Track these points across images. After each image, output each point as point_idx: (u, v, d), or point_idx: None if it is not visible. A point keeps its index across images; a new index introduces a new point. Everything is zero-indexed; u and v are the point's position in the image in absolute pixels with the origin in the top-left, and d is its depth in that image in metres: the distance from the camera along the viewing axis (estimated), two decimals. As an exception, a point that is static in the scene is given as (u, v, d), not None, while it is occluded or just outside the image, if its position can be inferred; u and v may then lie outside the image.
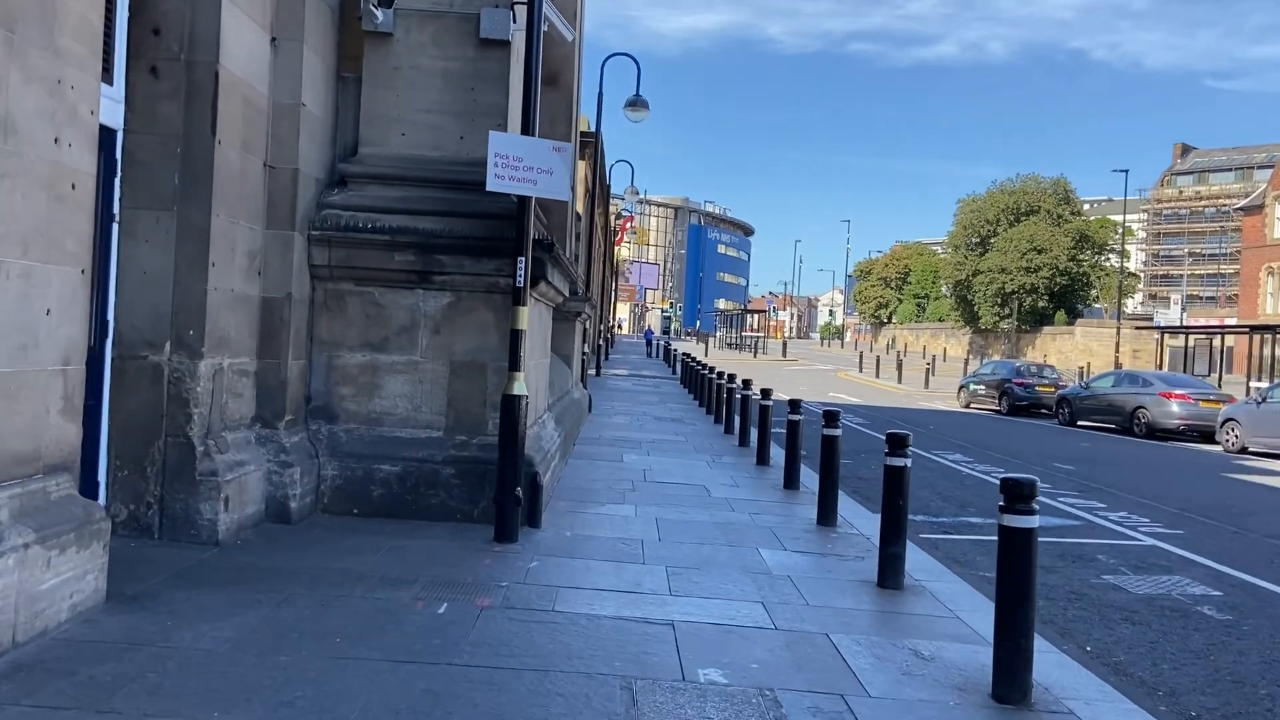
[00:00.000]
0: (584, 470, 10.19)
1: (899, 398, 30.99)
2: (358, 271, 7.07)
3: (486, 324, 7.13)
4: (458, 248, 7.02)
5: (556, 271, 8.05)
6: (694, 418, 18.12)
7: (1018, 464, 14.35)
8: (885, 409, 25.28)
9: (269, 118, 6.58)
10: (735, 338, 70.66)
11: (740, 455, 12.56)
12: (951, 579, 6.53)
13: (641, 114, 18.41)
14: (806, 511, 8.51)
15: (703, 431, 15.56)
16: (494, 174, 6.36)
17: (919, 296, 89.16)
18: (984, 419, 24.14)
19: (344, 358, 7.12)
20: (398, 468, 6.97)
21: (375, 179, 7.24)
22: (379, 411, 7.12)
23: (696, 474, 10.53)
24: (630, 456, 11.64)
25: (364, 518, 6.89)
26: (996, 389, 26.42)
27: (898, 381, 38.05)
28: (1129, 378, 22.13)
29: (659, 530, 7.30)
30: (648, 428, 15.55)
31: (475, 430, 7.11)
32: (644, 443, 13.21)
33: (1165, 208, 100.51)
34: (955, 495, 10.94)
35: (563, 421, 10.86)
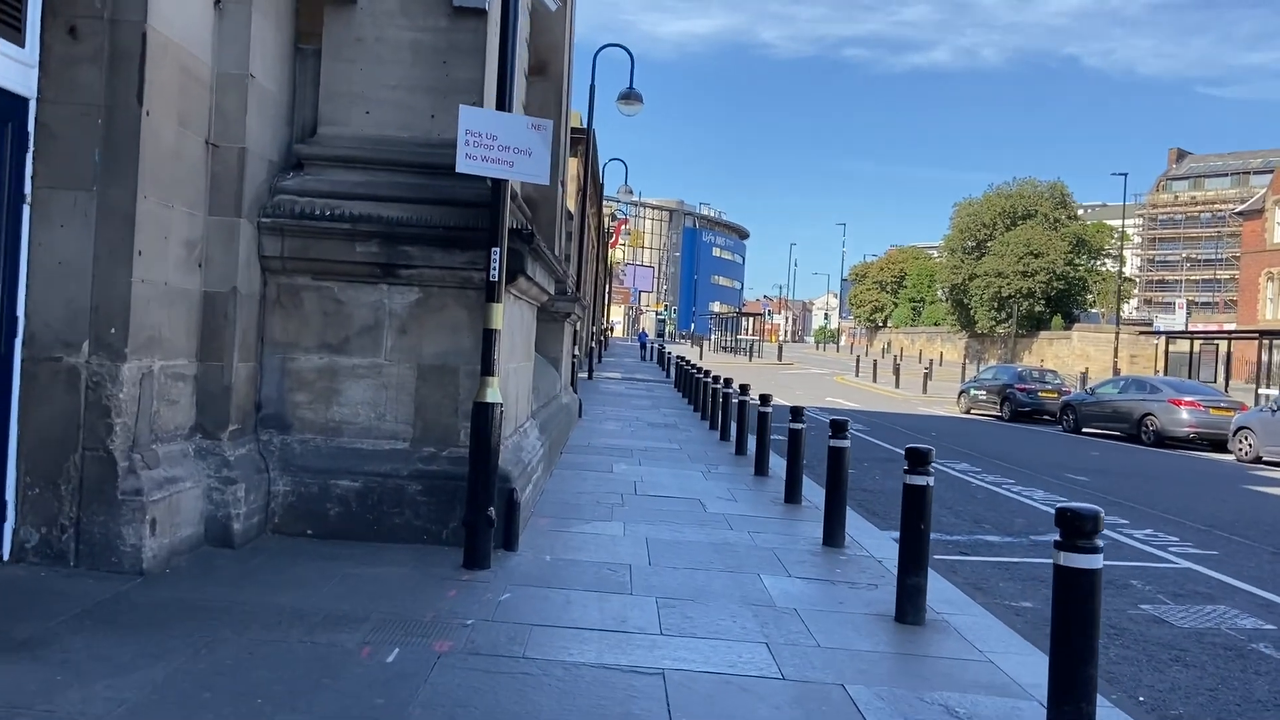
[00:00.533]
0: (570, 482, 9.46)
1: (897, 403, 30.33)
2: (315, 264, 6.34)
3: (459, 323, 6.41)
4: (427, 238, 6.29)
5: (538, 267, 7.33)
6: (688, 423, 17.40)
7: (1028, 474, 13.67)
8: (885, 415, 24.60)
9: (212, 90, 5.85)
10: (730, 341, 69.95)
11: (737, 465, 11.84)
12: (977, 611, 5.83)
13: (635, 107, 17.72)
14: (811, 530, 7.80)
15: (697, 439, 14.85)
16: (465, 154, 5.64)
17: (914, 300, 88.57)
18: (986, 425, 23.47)
19: (299, 360, 6.39)
20: (358, 483, 6.23)
21: (336, 162, 6.51)
22: (338, 420, 6.39)
23: (691, 486, 9.81)
24: (620, 466, 10.92)
25: (319, 539, 6.16)
26: (998, 394, 25.76)
27: (895, 386, 37.40)
28: (1136, 384, 21.49)
29: (649, 553, 6.58)
30: (640, 434, 14.83)
31: (445, 441, 6.38)
32: (635, 451, 12.49)
33: (1161, 213, 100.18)
34: (967, 510, 10.24)
35: (548, 429, 10.14)
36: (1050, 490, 12.04)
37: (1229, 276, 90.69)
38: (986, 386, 26.54)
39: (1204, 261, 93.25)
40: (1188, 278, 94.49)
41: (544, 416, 10.55)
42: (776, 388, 33.95)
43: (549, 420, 10.74)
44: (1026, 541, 8.69)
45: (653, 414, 18.83)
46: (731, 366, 47.97)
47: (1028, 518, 10.02)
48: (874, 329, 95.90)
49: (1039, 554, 8.19)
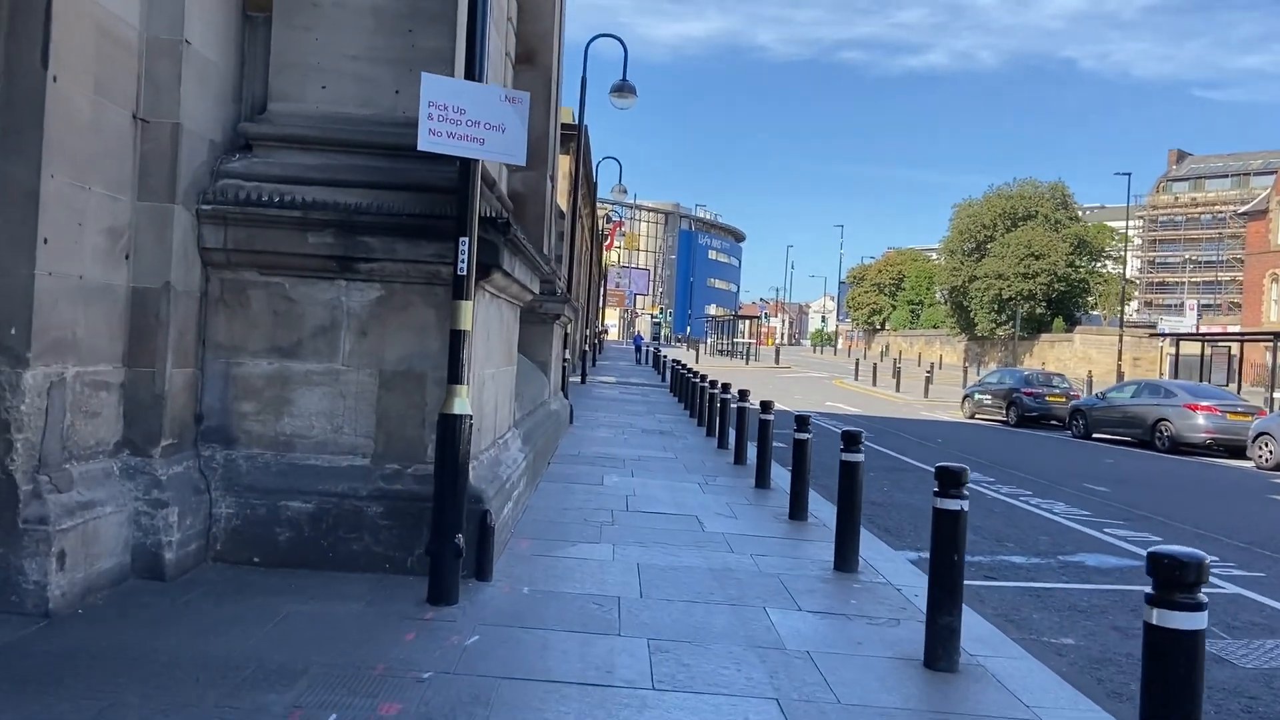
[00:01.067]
0: (556, 496, 8.73)
1: (899, 407, 29.63)
2: (262, 257, 5.61)
3: (426, 324, 5.68)
4: (389, 228, 5.57)
5: (518, 261, 6.61)
6: (684, 430, 16.68)
7: (1044, 485, 12.95)
8: (887, 420, 23.89)
9: (140, 57, 5.13)
10: (727, 344, 69.24)
11: (736, 476, 11.12)
12: (1015, 652, 5.10)
13: (628, 100, 17.02)
14: (819, 551, 7.08)
15: (694, 446, 14.13)
16: (428, 129, 4.92)
17: (913, 303, 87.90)
18: (993, 431, 22.77)
19: (246, 366, 5.66)
20: (310, 505, 5.50)
21: (288, 142, 5.79)
22: (289, 433, 5.66)
23: (687, 500, 9.09)
24: (612, 478, 10.19)
25: (267, 569, 5.43)
26: (1004, 399, 25.06)
27: (896, 390, 36.71)
28: (1149, 388, 20.79)
29: (641, 581, 5.86)
30: (633, 442, 14.10)
31: (410, 457, 5.66)
32: (628, 460, 11.76)
33: (1161, 214, 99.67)
34: (987, 527, 9.52)
35: (533, 439, 9.41)
36: (1071, 503, 11.32)
37: (1230, 278, 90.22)
38: (992, 391, 25.84)
39: (1205, 263, 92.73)
40: (1188, 279, 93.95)
41: (529, 425, 9.83)
42: (775, 392, 33.21)
43: (535, 429, 10.02)
44: (1055, 563, 7.98)
45: (647, 420, 18.11)
46: (728, 370, 47.24)
47: (1052, 535, 9.30)
48: (872, 331, 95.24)
49: (1071, 578, 7.47)
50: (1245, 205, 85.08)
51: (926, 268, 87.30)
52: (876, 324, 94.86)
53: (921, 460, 15.04)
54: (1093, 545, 8.79)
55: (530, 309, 13.48)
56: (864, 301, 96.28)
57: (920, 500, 11.03)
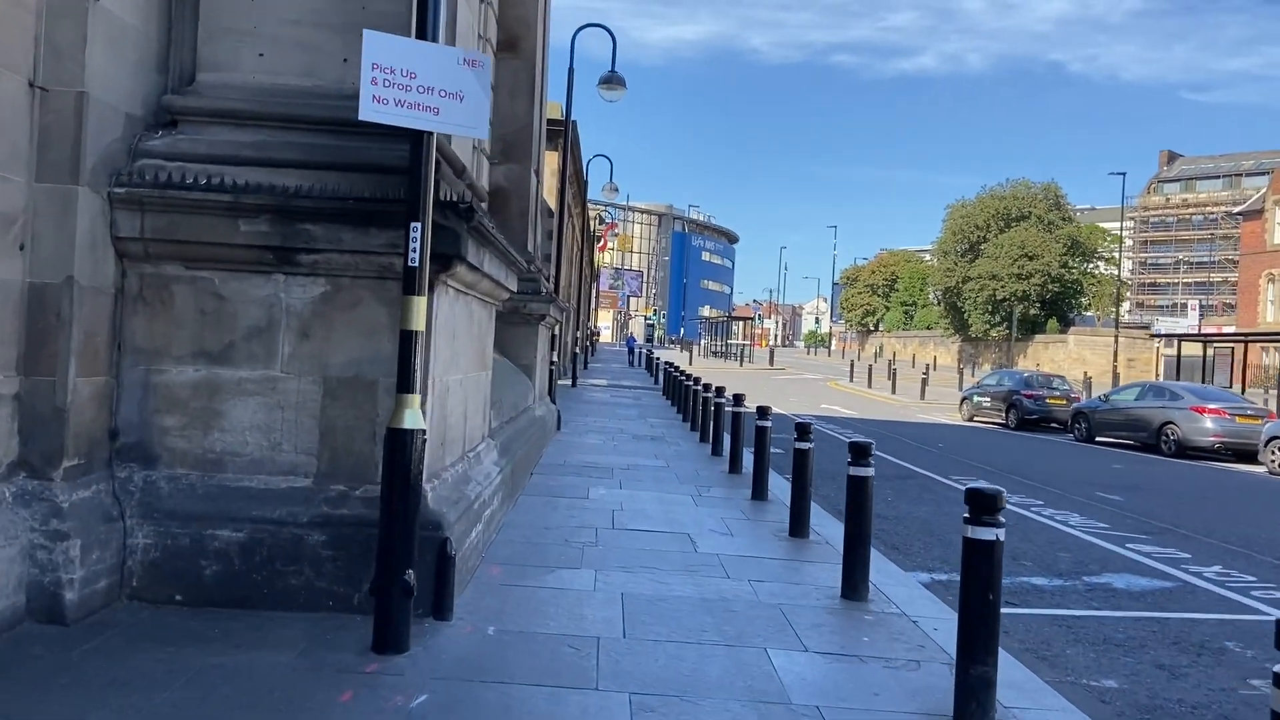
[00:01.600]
0: (536, 512, 8.02)
1: (896, 410, 28.98)
2: (188, 248, 4.89)
3: (377, 324, 4.97)
4: (334, 214, 4.86)
5: (488, 254, 5.90)
6: (676, 435, 15.98)
7: (1054, 494, 12.28)
8: (885, 423, 23.23)
9: (39, 16, 4.41)
10: (720, 346, 68.59)
11: (732, 486, 10.42)
12: (1055, 702, 4.41)
13: (617, 92, 16.33)
14: (824, 575, 6.39)
15: (687, 453, 13.43)
16: (371, 96, 4.21)
17: (906, 304, 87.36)
18: (993, 435, 22.12)
19: (169, 373, 4.93)
20: (242, 533, 4.78)
21: (219, 117, 5.07)
22: (220, 451, 4.94)
23: (679, 514, 8.38)
24: (598, 490, 9.48)
25: (191, 608, 4.71)
26: (1003, 401, 24.42)
27: (892, 392, 36.07)
28: (1154, 390, 20.16)
29: (625, 617, 5.15)
30: (623, 449, 13.40)
31: (359, 476, 4.94)
32: (617, 470, 11.05)
33: (1153, 215, 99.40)
34: (999, 541, 8.82)
35: (513, 449, 8.70)
36: (1086, 514, 10.65)
37: (1222, 279, 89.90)
38: (991, 393, 25.20)
39: (1197, 264, 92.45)
40: (1180, 280, 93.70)
41: (509, 433, 9.11)
42: (769, 394, 32.55)
43: (515, 438, 9.30)
44: (1081, 586, 7.29)
45: (638, 425, 17.40)
46: (722, 372, 46.56)
47: (1072, 551, 8.61)
48: (866, 333, 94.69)
49: (1100, 603, 6.79)
50: (1240, 205, 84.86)
51: (920, 269, 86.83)
52: (870, 325, 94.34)
53: (924, 467, 14.37)
54: (1118, 564, 8.11)
55: (513, 309, 12.78)
56: (857, 303, 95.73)
57: (927, 511, 10.34)
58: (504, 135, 12.90)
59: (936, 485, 12.51)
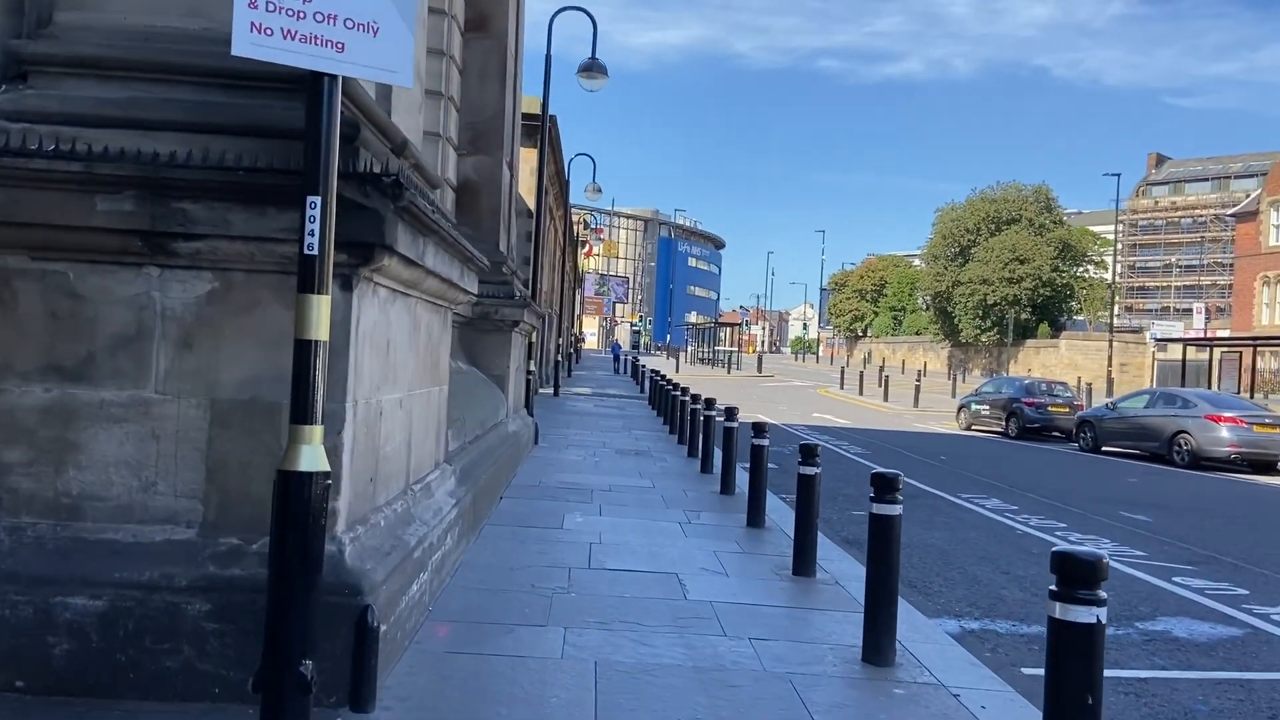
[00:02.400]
0: (502, 547, 6.96)
1: (890, 419, 28.03)
2: (33, 233, 3.81)
3: (282, 332, 3.89)
4: (220, 189, 3.78)
5: (430, 245, 4.83)
6: (663, 449, 14.94)
7: (1076, 514, 11.29)
8: (880, 433, 22.25)
9: None
10: (707, 352, 67.59)
11: (724, 510, 9.38)
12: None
13: (598, 81, 15.28)
14: (838, 629, 5.36)
15: (674, 469, 12.38)
16: (250, 24, 3.14)
17: (895, 309, 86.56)
18: (994, 445, 21.16)
19: (10, 394, 3.85)
20: (102, 601, 3.69)
21: (81, 67, 3.98)
22: (77, 494, 3.85)
23: (666, 549, 7.33)
24: (575, 518, 8.42)
25: (36, 697, 3.63)
26: (1003, 410, 23.48)
27: (884, 399, 35.13)
28: (1165, 397, 19.24)
29: (599, 698, 4.09)
30: (605, 466, 12.34)
31: (258, 528, 3.84)
32: (597, 492, 9.99)
33: (1141, 218, 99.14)
34: (1030, 576, 7.80)
35: (476, 474, 7.63)
36: (1118, 540, 9.63)
37: (1211, 282, 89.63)
38: (990, 401, 24.25)
39: (1187, 267, 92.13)
40: (1169, 284, 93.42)
41: (474, 455, 8.05)
42: (759, 402, 31.57)
43: (480, 460, 8.23)
44: (1136, 635, 6.25)
45: (622, 437, 16.35)
46: (709, 380, 45.56)
47: (1115, 589, 7.50)
48: (854, 338, 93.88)
49: (1165, 658, 5.76)
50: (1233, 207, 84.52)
51: (909, 274, 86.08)
52: (858, 331, 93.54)
53: (930, 483, 13.36)
54: (1170, 604, 7.09)
55: (483, 315, 11.72)
56: (846, 308, 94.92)
57: (942, 539, 9.32)
58: (472, 123, 11.85)
59: (947, 505, 11.50)
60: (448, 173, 11.58)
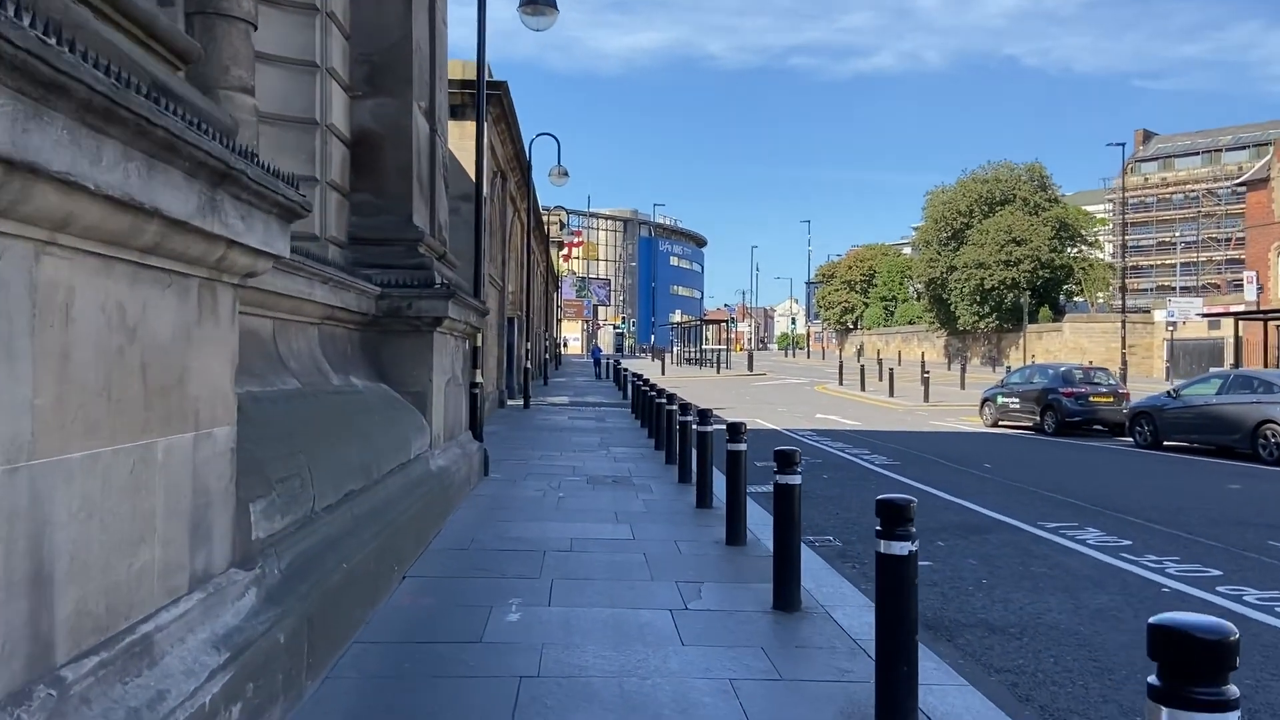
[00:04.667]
0: (353, 712, 3.90)
1: (902, 417, 25.06)
2: None
3: None
4: None
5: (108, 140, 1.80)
6: (647, 473, 11.90)
7: (1216, 548, 8.29)
8: (899, 436, 19.26)
9: None
10: (694, 352, 64.49)
11: (737, 581, 6.35)
12: None
13: (547, 18, 12.23)
14: None
15: (661, 505, 9.35)
16: None
17: (886, 299, 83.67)
18: (1037, 446, 18.19)
19: None
20: None
21: None
22: None
23: (651, 680, 4.30)
24: (508, 615, 5.39)
25: None
26: (1036, 402, 20.52)
27: (890, 395, 32.16)
28: (1242, 381, 16.29)
29: None
30: (572, 505, 9.31)
31: None
32: (553, 554, 6.96)
33: (1132, 196, 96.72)
34: (1243, 681, 4.78)
35: (320, 568, 4.58)
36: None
37: (1207, 259, 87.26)
38: (1020, 393, 21.30)
39: (1187, 244, 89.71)
40: (1164, 262, 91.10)
41: (327, 532, 4.98)
42: (754, 404, 28.57)
43: (343, 537, 5.16)
44: None
45: (598, 460, 13.28)
46: (698, 382, 42.54)
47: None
48: (845, 331, 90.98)
49: None
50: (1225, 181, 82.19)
51: (899, 262, 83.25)
52: (849, 323, 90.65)
53: (991, 505, 10.36)
54: None
55: (393, 311, 8.68)
56: (835, 300, 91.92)
57: (1062, 609, 6.25)
58: (368, 55, 8.81)
59: (1035, 544, 8.49)
60: (332, 118, 8.55)
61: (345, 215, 8.64)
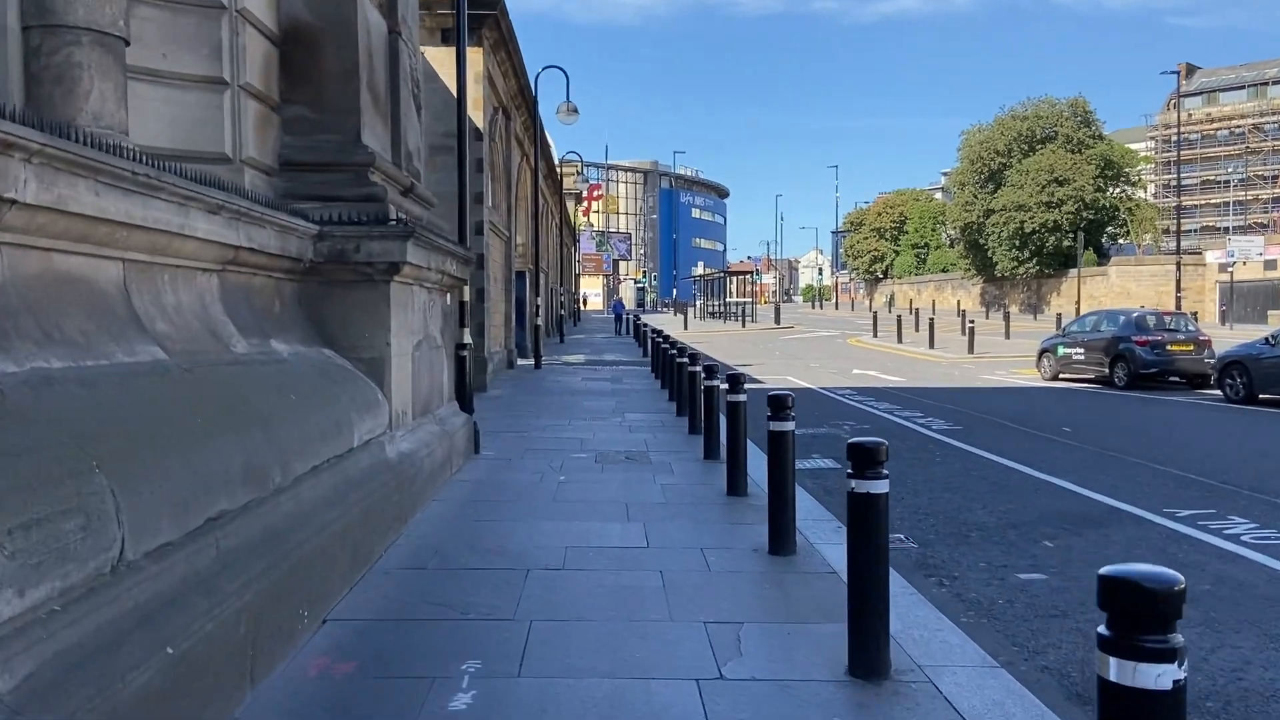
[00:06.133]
0: None
1: (946, 371, 23.02)
2: None
3: None
4: None
5: None
6: (666, 445, 10.06)
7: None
8: (949, 394, 17.27)
9: None
10: (718, 306, 62.31)
11: (790, 616, 4.50)
12: None
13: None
14: None
15: (683, 492, 7.52)
16: None
17: (918, 246, 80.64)
18: (1114, 402, 16.14)
19: None
20: None
21: None
22: None
23: None
24: (463, 690, 3.56)
25: None
26: (1103, 352, 18.42)
27: (929, 347, 30.04)
28: (1357, 325, 14.13)
29: None
30: (573, 495, 7.49)
31: None
32: (539, 572, 5.15)
33: (1174, 133, 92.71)
34: None
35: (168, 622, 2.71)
36: None
37: (1253, 197, 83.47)
38: (1084, 342, 19.17)
39: (1224, 183, 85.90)
40: (1207, 201, 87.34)
41: (192, 567, 3.13)
42: (785, 360, 26.59)
43: (235, 561, 3.31)
44: None
45: (611, 429, 11.45)
46: (723, 336, 40.55)
47: None
48: (874, 281, 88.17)
49: None
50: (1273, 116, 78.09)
51: (931, 207, 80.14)
52: (878, 272, 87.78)
53: (1101, 489, 8.39)
54: None
55: (336, 256, 6.81)
56: (863, 248, 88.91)
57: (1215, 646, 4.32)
58: (294, -80, 6.79)
59: (1171, 541, 6.56)
60: (245, 1, 6.63)
61: (274, 134, 6.73)
